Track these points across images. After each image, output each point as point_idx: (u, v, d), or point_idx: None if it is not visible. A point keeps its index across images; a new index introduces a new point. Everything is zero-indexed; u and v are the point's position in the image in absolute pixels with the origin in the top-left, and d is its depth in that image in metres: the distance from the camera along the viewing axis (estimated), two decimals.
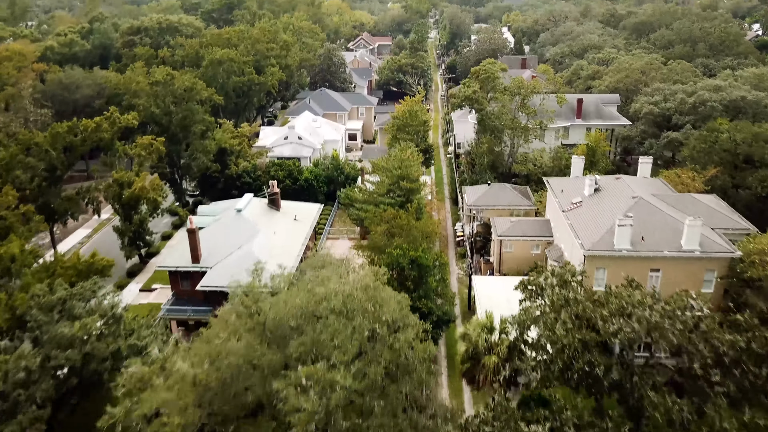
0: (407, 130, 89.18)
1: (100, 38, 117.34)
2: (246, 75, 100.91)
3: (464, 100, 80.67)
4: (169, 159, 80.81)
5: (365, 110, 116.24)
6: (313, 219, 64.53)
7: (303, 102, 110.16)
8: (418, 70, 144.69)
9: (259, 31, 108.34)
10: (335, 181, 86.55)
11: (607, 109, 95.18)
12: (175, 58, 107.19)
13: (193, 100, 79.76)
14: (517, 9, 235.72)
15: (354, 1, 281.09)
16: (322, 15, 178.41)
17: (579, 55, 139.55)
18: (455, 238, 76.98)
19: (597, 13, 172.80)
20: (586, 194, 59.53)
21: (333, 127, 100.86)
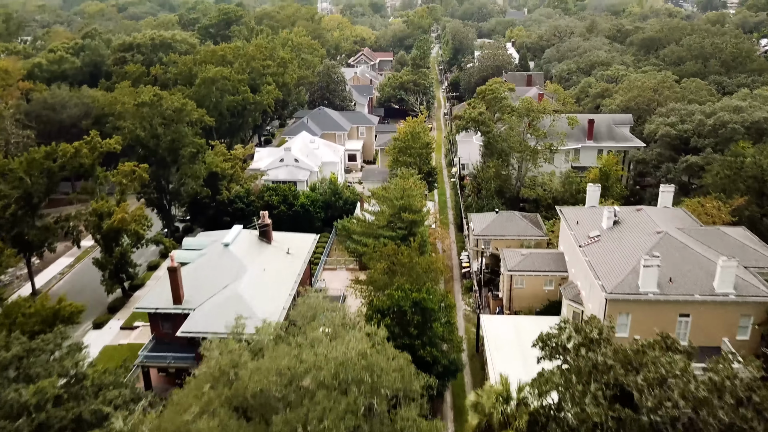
0: (409, 152, 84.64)
1: (90, 55, 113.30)
2: (240, 94, 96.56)
3: (469, 122, 76.10)
4: (156, 184, 76.18)
5: (365, 130, 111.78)
6: (307, 252, 59.68)
7: (300, 122, 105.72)
8: (420, 87, 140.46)
9: (254, 48, 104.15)
10: (333, 207, 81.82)
11: (620, 129, 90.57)
12: (168, 76, 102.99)
13: (182, 121, 75.26)
14: (521, 24, 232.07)
15: (355, 16, 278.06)
16: (321, 30, 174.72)
17: (586, 71, 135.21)
18: (461, 269, 72.05)
19: (603, 29, 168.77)
20: (605, 227, 54.65)
21: (331, 148, 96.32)
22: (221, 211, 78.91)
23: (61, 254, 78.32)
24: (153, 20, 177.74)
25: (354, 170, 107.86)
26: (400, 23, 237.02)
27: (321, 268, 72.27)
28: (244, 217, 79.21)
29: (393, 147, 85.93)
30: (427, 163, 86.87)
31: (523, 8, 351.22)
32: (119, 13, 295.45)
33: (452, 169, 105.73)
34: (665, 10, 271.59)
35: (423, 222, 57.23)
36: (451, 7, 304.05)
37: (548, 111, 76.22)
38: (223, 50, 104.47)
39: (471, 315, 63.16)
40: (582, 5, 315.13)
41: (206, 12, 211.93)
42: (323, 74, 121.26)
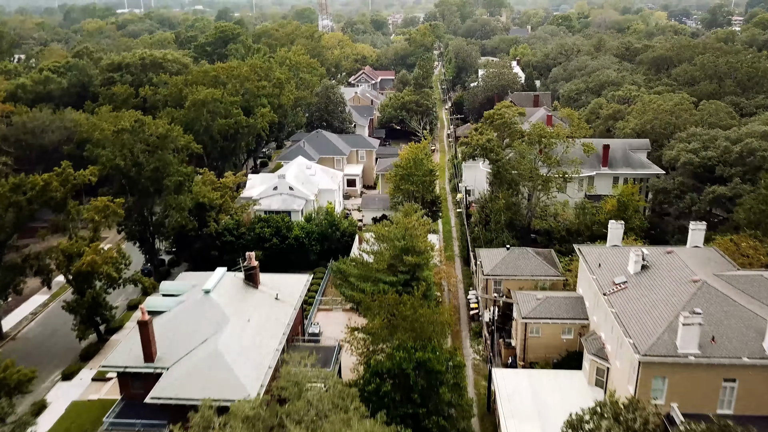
0: (411, 180, 78.91)
1: (77, 75, 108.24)
2: (233, 117, 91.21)
3: (477, 150, 70.45)
4: (138, 215, 70.49)
5: (365, 154, 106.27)
6: (298, 296, 53.67)
7: (297, 145, 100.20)
8: (422, 107, 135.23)
9: (248, 68, 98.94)
10: (330, 239, 76.01)
11: (636, 155, 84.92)
12: (157, 98, 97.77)
13: (167, 148, 69.73)
14: (525, 42, 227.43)
15: (356, 33, 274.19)
16: (321, 49, 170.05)
17: (596, 91, 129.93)
18: (468, 310, 65.99)
19: (611, 47, 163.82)
20: (632, 272, 48.67)
21: (329, 174, 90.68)
22: (209, 244, 73.18)
23: (36, 291, 72.49)
24: (149, 38, 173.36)
25: (353, 196, 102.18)
26: (401, 41, 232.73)
27: (315, 309, 66.29)
28: (234, 251, 73.56)
29: (394, 174, 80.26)
30: (431, 191, 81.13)
31: (526, 25, 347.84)
32: (118, 31, 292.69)
33: (457, 195, 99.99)
34: (670, 27, 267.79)
35: (428, 264, 51.28)
36: (453, 24, 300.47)
37: (562, 137, 70.56)
38: (216, 70, 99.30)
39: (481, 365, 57.01)
40: (585, 22, 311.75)
41: (204, 29, 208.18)
42: (322, 95, 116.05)
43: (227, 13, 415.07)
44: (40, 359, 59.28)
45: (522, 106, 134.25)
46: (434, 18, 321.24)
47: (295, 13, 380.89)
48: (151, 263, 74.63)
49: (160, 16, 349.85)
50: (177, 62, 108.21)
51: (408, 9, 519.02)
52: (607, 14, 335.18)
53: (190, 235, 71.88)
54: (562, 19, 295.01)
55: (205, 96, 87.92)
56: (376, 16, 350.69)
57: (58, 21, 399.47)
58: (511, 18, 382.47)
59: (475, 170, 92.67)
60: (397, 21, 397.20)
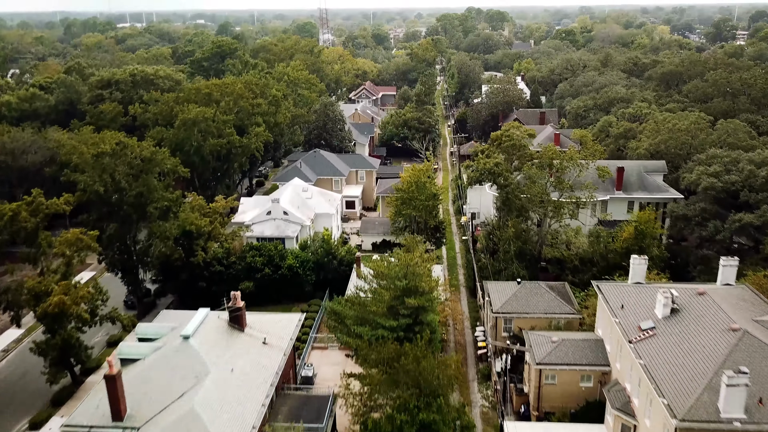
0: (413, 204, 74.13)
1: (65, 92, 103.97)
2: (225, 137, 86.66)
3: (484, 174, 65.66)
4: (120, 244, 65.64)
5: (365, 174, 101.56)
6: (289, 338, 48.65)
7: (293, 166, 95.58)
8: (424, 125, 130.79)
9: (242, 85, 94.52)
10: (326, 268, 71.09)
11: (652, 178, 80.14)
12: (147, 116, 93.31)
13: (152, 172, 65.04)
14: (528, 56, 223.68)
15: (357, 48, 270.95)
16: (321, 64, 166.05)
17: (604, 108, 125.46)
18: (476, 349, 60.83)
19: (618, 62, 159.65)
20: (660, 316, 43.63)
21: (326, 197, 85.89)
22: (197, 275, 68.22)
23: (10, 325, 67.43)
24: (145, 53, 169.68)
25: (352, 219, 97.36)
26: (403, 55, 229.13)
27: (309, 347, 61.16)
28: (223, 281, 68.67)
29: (395, 199, 75.53)
30: (435, 216, 76.28)
31: (528, 40, 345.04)
32: (117, 45, 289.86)
33: (462, 218, 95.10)
34: (675, 42, 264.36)
35: (433, 307, 46.25)
36: (455, 39, 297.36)
37: (575, 160, 65.77)
38: (209, 87, 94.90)
39: (490, 414, 51.80)
40: (588, 37, 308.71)
41: (203, 44, 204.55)
42: (320, 113, 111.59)
43: (228, 27, 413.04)
44: (7, 405, 54.28)
45: (528, 124, 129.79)
46: (436, 32, 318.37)
47: (296, 27, 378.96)
48: (134, 294, 69.67)
49: (160, 31, 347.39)
50: (169, 78, 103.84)
51: (410, 23, 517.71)
52: (610, 29, 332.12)
53: (176, 265, 67.01)
54: (565, 33, 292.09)
55: (195, 115, 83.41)
56: (377, 31, 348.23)
57: (58, 35, 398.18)
58: (514, 32, 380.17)
59: (481, 192, 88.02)
60: (399, 35, 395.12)
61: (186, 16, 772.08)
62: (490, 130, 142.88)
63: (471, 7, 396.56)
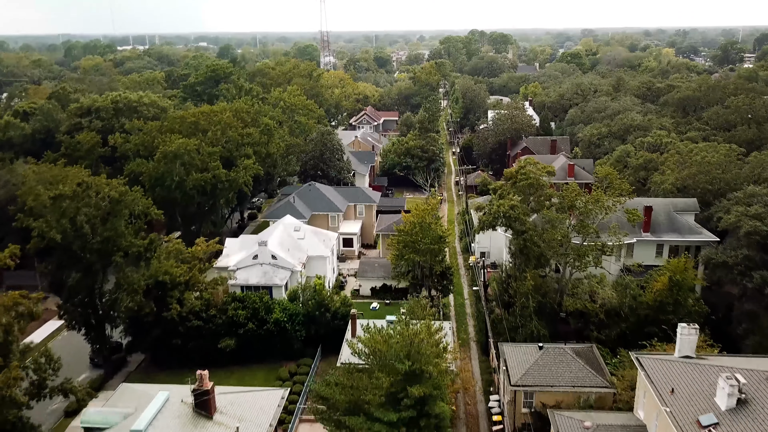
0: (417, 247, 66.10)
1: (41, 120, 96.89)
2: (211, 170, 79.02)
3: (497, 219, 57.65)
4: (84, 297, 57.60)
5: (365, 209, 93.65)
6: (269, 425, 40.34)
7: (286, 201, 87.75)
8: (428, 153, 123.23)
9: (230, 114, 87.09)
10: (318, 321, 62.87)
11: (683, 218, 72.03)
12: (128, 147, 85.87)
13: (121, 215, 57.23)
14: (535, 80, 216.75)
15: (359, 71, 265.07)
16: (320, 89, 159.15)
17: (620, 137, 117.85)
18: (490, 424, 52.33)
19: (631, 87, 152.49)
20: (723, 407, 35.27)
21: (321, 237, 77.87)
22: (171, 331, 60.06)
23: None
24: (138, 76, 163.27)
25: (350, 258, 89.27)
26: (405, 79, 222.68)
27: (296, 420, 52.70)
28: (201, 337, 60.70)
29: (397, 241, 67.52)
30: (441, 260, 68.15)
31: (533, 62, 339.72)
32: (116, 68, 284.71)
33: (470, 258, 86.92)
34: (683, 65, 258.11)
35: (443, 395, 37.87)
36: (459, 61, 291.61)
37: (602, 203, 57.72)
38: (195, 116, 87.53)
39: None
40: (594, 59, 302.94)
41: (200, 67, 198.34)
42: (317, 142, 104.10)
43: (229, 50, 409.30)
44: None
45: (538, 153, 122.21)
46: (439, 55, 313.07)
47: (297, 49, 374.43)
48: (101, 353, 61.39)
49: (159, 53, 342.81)
50: (154, 106, 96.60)
51: (412, 46, 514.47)
52: (616, 51, 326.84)
53: (146, 320, 58.88)
54: (571, 56, 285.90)
55: (177, 147, 75.85)
56: (379, 53, 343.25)
57: (58, 58, 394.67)
58: (518, 55, 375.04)
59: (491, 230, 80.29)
60: (401, 58, 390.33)
61: (189, 38, 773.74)
62: (498, 158, 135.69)
63: (474, 29, 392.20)
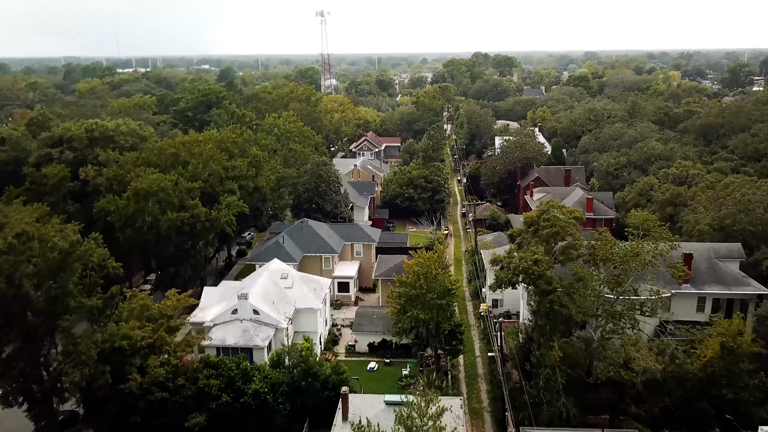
0: (422, 302, 56.94)
1: (9, 150, 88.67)
2: (189, 209, 70.24)
3: (518, 275, 48.52)
4: (26, 368, 48.42)
5: (363, 248, 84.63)
6: None
7: (275, 242, 78.79)
8: (432, 184, 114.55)
9: (213, 145, 78.50)
10: (305, 392, 53.46)
11: (726, 266, 62.70)
12: (99, 181, 77.24)
13: (72, 270, 48.28)
14: (542, 103, 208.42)
15: (360, 95, 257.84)
16: (318, 114, 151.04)
17: (640, 166, 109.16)
18: None
19: (648, 112, 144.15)
20: None
21: (311, 286, 68.65)
22: (131, 405, 50.72)
23: None
24: (127, 101, 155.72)
25: (346, 304, 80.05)
26: (408, 103, 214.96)
27: None
28: (167, 412, 51.33)
29: (398, 294, 58.38)
30: (450, 318, 58.88)
31: (538, 85, 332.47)
32: (112, 91, 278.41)
33: (480, 305, 77.57)
34: (693, 88, 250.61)
35: None
36: (463, 85, 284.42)
37: (644, 258, 48.51)
38: (176, 146, 79.02)
39: None
40: (600, 82, 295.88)
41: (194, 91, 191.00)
42: (312, 173, 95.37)
43: (230, 72, 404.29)
44: None
45: (551, 183, 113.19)
46: (443, 78, 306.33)
47: (297, 72, 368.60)
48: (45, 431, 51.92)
49: (157, 76, 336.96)
50: (133, 134, 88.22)
51: (415, 68, 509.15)
52: (623, 74, 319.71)
53: (100, 394, 49.58)
54: (578, 79, 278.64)
55: (149, 184, 67.18)
56: (381, 76, 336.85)
57: (57, 81, 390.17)
58: (522, 78, 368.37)
59: None
60: (404, 81, 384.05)
61: (192, 61, 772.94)
62: (507, 188, 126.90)
63: (478, 52, 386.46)
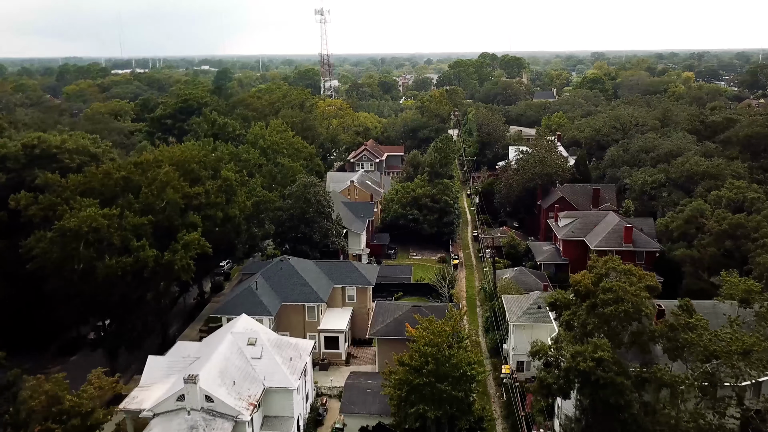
0: (430, 392, 41.88)
1: None
2: (133, 252, 55.22)
3: (572, 381, 33.39)
4: None
5: (356, 292, 69.47)
6: None
7: (247, 288, 63.70)
8: (439, 204, 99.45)
9: (170, 169, 63.23)
10: None
11: None
12: (33, 211, 62.18)
13: None
14: (556, 108, 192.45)
15: (361, 98, 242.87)
16: (312, 122, 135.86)
17: (682, 185, 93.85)
18: None
19: (681, 120, 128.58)
20: None
21: (286, 354, 53.42)
22: None
23: None
24: (102, 106, 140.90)
25: (335, 363, 64.98)
26: (412, 107, 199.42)
27: None
28: None
29: (398, 383, 43.33)
30: (468, 409, 43.72)
31: (549, 87, 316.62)
32: (101, 94, 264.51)
33: (502, 368, 62.34)
34: (716, 90, 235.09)
35: None
36: (470, 87, 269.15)
37: (764, 357, 33.29)
38: (127, 169, 64.14)
39: None
40: (614, 84, 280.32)
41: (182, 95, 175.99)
42: (297, 197, 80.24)
43: (227, 73, 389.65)
44: None
45: (577, 203, 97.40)
46: (449, 80, 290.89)
47: (297, 73, 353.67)
48: None
49: (149, 78, 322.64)
50: (82, 152, 73.40)
51: (419, 69, 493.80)
52: (638, 76, 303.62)
53: None
54: (592, 81, 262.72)
55: (79, 224, 52.27)
56: (384, 78, 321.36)
57: (50, 82, 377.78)
58: (531, 79, 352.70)
59: (532, 331, 56.50)
60: (408, 82, 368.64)
61: (194, 61, 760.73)
62: (525, 208, 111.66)
63: (485, 52, 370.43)
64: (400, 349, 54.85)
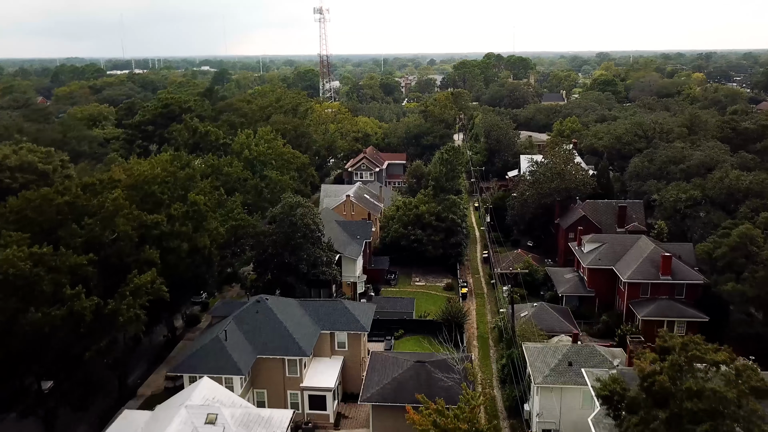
0: None
1: None
2: (68, 303, 44.30)
3: None
4: None
5: (348, 339, 58.41)
6: None
7: (215, 337, 52.72)
8: (445, 223, 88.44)
9: (120, 194, 52.33)
10: None
11: None
12: None
13: None
14: (567, 111, 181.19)
15: (361, 100, 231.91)
16: (306, 128, 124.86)
17: (721, 204, 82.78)
18: None
19: (710, 126, 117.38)
20: None
21: (259, 426, 42.35)
22: None
23: None
24: (79, 110, 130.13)
25: (322, 426, 54.01)
26: (415, 111, 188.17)
27: None
28: None
29: None
30: None
31: (557, 89, 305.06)
32: (94, 95, 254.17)
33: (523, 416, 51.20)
34: (734, 93, 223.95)
35: None
36: (476, 89, 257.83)
37: None
38: (72, 193, 53.40)
39: None
40: (624, 85, 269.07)
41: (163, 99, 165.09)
42: (282, 221, 69.28)
43: (225, 74, 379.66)
44: None
45: (600, 222, 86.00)
46: (453, 81, 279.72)
47: (296, 74, 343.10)
48: None
49: (144, 79, 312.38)
50: (29, 169, 62.52)
51: (422, 70, 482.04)
52: (651, 77, 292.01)
53: None
54: (603, 83, 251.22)
55: None
56: (386, 79, 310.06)
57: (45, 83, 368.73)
58: (538, 81, 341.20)
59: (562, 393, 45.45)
60: (411, 83, 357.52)
61: (194, 62, 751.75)
62: (540, 225, 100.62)
63: (491, 53, 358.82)
64: (400, 417, 44.33)
